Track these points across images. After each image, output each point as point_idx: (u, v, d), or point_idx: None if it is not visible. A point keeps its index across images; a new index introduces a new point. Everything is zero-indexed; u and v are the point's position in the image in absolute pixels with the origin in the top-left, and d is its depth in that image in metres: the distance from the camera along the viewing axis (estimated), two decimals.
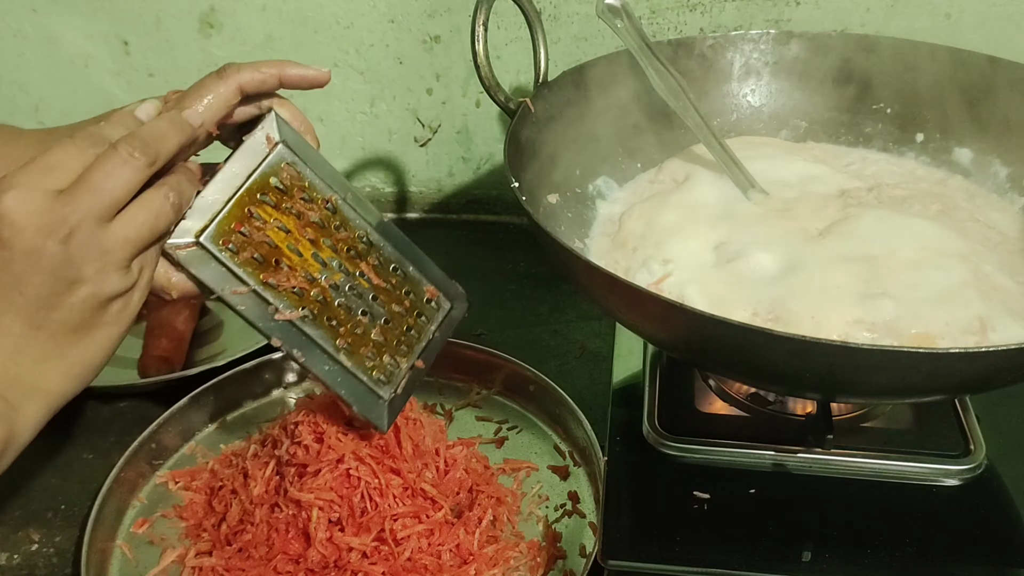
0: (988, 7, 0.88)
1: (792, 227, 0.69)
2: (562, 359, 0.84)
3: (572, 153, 0.75)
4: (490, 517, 0.66)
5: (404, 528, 0.62)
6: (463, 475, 0.69)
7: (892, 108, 0.82)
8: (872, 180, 0.77)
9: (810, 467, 0.63)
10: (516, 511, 0.69)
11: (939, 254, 0.65)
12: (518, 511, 0.69)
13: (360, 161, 1.07)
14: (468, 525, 0.65)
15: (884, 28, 0.90)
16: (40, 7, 1.00)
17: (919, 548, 0.58)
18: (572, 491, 0.70)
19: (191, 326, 0.89)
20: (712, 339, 0.54)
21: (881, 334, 0.59)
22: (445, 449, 0.69)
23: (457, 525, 0.64)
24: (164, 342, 0.85)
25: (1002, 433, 0.66)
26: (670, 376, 0.71)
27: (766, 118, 0.84)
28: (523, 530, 0.67)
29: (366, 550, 0.61)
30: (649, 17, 0.92)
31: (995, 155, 0.77)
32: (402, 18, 0.97)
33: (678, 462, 0.64)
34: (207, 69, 0.61)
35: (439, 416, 0.78)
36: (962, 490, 0.62)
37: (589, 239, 0.74)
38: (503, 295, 0.94)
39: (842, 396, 0.62)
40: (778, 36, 0.83)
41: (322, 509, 0.62)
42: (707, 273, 0.66)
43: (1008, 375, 0.53)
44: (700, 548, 0.59)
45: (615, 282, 0.55)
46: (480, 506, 0.66)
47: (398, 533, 0.62)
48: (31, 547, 0.68)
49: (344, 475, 0.63)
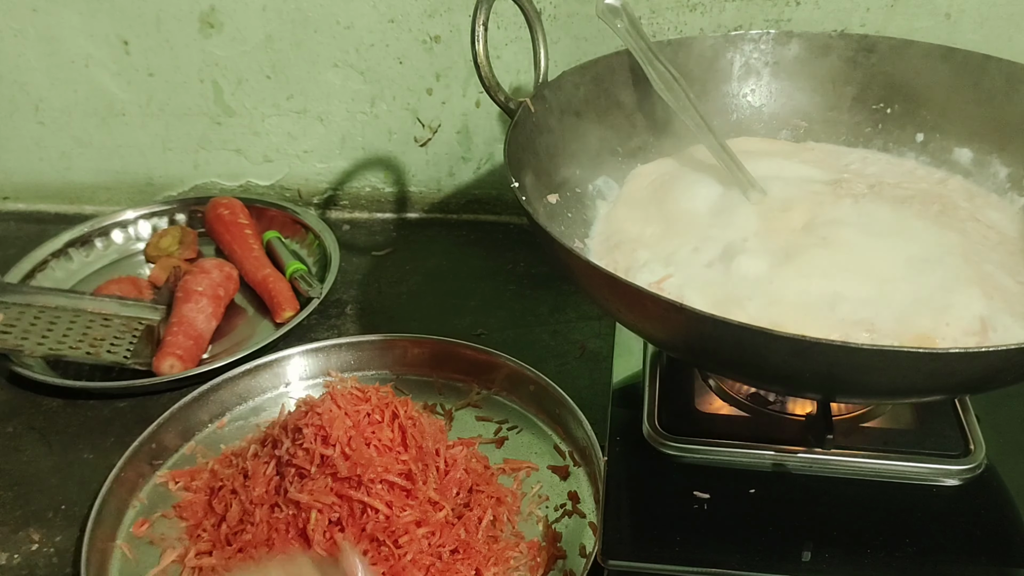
0: (988, 7, 0.88)
1: (792, 227, 0.69)
2: (562, 359, 0.84)
3: (572, 153, 0.75)
4: (490, 517, 0.66)
5: (405, 530, 0.62)
6: (463, 475, 0.69)
7: (892, 108, 0.82)
8: (872, 180, 0.77)
9: (810, 467, 0.63)
10: (516, 511, 0.69)
11: (939, 254, 0.65)
12: (518, 511, 0.69)
13: (360, 161, 1.07)
14: (468, 525, 0.65)
15: (884, 28, 0.90)
16: (40, 7, 1.00)
17: (919, 548, 0.58)
18: (572, 491, 0.70)
19: (212, 325, 0.89)
20: (712, 339, 0.54)
21: (881, 334, 0.59)
22: (445, 449, 0.69)
23: (457, 525, 0.64)
24: (182, 339, 0.84)
25: (1002, 433, 0.66)
26: (670, 376, 0.71)
27: (766, 118, 0.84)
28: (523, 530, 0.67)
29: (366, 550, 0.61)
30: (649, 17, 0.92)
31: (995, 155, 0.77)
32: (402, 18, 0.97)
33: (678, 462, 0.64)
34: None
35: (439, 416, 0.78)
36: (962, 490, 0.62)
37: (589, 239, 0.74)
38: (503, 295, 0.94)
39: (842, 396, 0.62)
40: (778, 36, 0.83)
41: (321, 512, 0.62)
42: (707, 273, 0.66)
43: (1008, 375, 0.53)
44: (700, 548, 0.59)
45: (615, 282, 0.55)
46: (480, 506, 0.67)
47: (399, 535, 0.62)
48: (31, 547, 0.68)
49: (344, 480, 0.63)
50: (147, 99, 1.05)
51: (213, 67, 1.02)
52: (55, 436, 0.78)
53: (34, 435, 0.79)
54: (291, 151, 1.07)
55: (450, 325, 0.89)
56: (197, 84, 1.03)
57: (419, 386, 0.81)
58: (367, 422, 0.66)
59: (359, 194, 1.10)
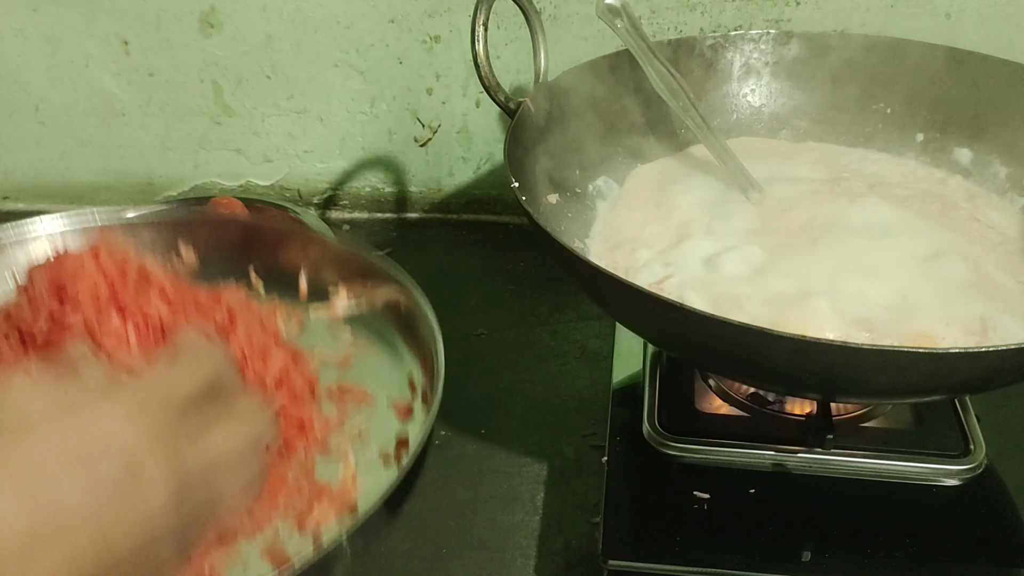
0: (988, 7, 0.88)
1: (792, 227, 0.69)
2: (562, 359, 0.84)
3: (572, 153, 0.75)
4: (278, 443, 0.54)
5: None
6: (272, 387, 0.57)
7: (892, 108, 0.82)
8: (872, 180, 0.77)
9: (810, 467, 0.63)
10: (321, 445, 0.58)
11: (939, 254, 0.65)
12: (324, 446, 0.58)
13: (360, 161, 1.07)
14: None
15: (884, 28, 0.90)
16: (41, 7, 1.00)
17: (919, 548, 0.58)
18: (404, 436, 0.59)
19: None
20: (712, 339, 0.54)
21: (881, 334, 0.59)
22: (271, 347, 0.57)
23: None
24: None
25: (1002, 433, 0.66)
26: (670, 376, 0.71)
27: (766, 118, 0.84)
28: (322, 472, 0.57)
29: None
30: (649, 17, 0.92)
31: (995, 155, 0.77)
32: (402, 18, 0.97)
33: (678, 462, 0.64)
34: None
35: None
36: (962, 490, 0.62)
37: (589, 239, 0.74)
38: (503, 295, 0.94)
39: (842, 396, 0.62)
40: (778, 36, 0.83)
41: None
42: (707, 273, 0.66)
43: (1008, 375, 0.53)
44: (700, 548, 0.59)
45: (615, 282, 0.55)
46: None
47: None
48: None
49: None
50: (147, 99, 1.05)
51: (213, 67, 1.02)
52: None
53: None
54: (291, 151, 1.07)
55: (450, 325, 0.89)
56: (197, 84, 1.03)
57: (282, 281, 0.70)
58: (132, 289, 0.52)
59: (359, 194, 1.10)
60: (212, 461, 0.39)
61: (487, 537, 0.68)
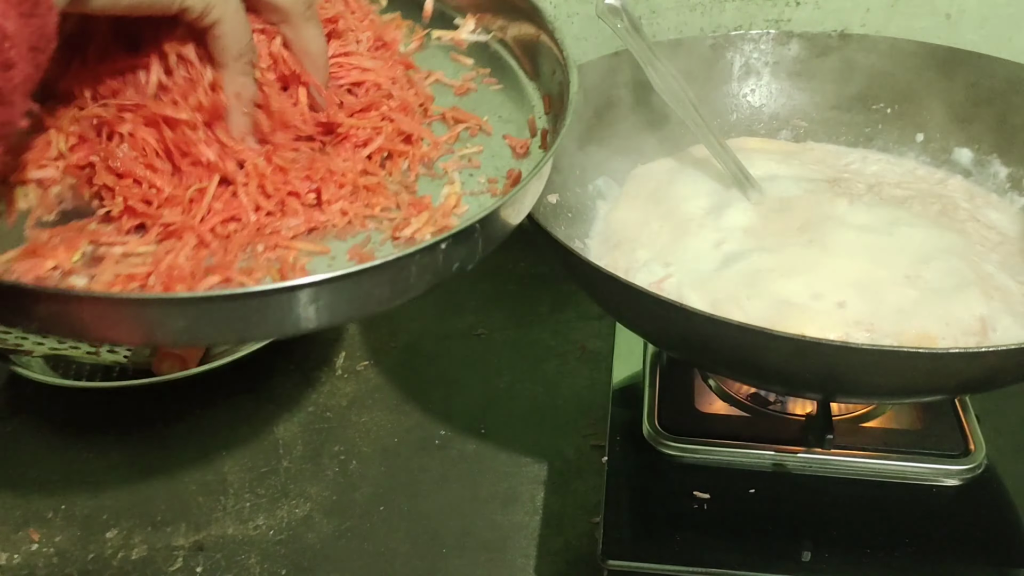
0: (988, 7, 0.88)
1: (792, 227, 0.69)
2: (562, 359, 0.84)
3: (572, 153, 0.75)
4: (376, 146, 0.51)
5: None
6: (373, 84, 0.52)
7: (892, 108, 0.82)
8: (872, 180, 0.77)
9: (810, 467, 0.63)
10: (427, 162, 0.53)
11: (939, 254, 0.65)
12: (430, 163, 0.53)
13: None
14: (341, 150, 0.50)
15: (884, 28, 0.90)
16: None
17: (919, 548, 0.58)
18: (516, 172, 0.54)
19: None
20: (712, 339, 0.54)
21: (881, 334, 0.59)
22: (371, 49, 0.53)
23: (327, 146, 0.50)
24: None
25: (1002, 433, 0.66)
26: (670, 376, 0.71)
27: (766, 118, 0.84)
28: (422, 185, 0.52)
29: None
30: (649, 17, 0.92)
31: (995, 155, 0.77)
32: None
33: (678, 462, 0.64)
34: None
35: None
36: (962, 490, 0.62)
37: (589, 239, 0.74)
38: (503, 295, 0.94)
39: (842, 396, 0.62)
40: (778, 36, 0.83)
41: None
42: (707, 273, 0.66)
43: (1008, 375, 0.53)
44: (700, 548, 0.59)
45: (615, 282, 0.55)
46: (373, 129, 0.51)
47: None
48: (31, 547, 0.68)
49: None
50: None
51: None
52: (55, 436, 0.79)
53: (34, 435, 0.79)
54: None
55: (450, 325, 0.89)
56: None
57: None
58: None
59: None
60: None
61: (487, 537, 0.68)
